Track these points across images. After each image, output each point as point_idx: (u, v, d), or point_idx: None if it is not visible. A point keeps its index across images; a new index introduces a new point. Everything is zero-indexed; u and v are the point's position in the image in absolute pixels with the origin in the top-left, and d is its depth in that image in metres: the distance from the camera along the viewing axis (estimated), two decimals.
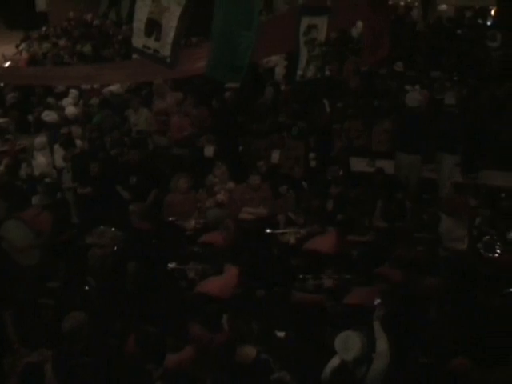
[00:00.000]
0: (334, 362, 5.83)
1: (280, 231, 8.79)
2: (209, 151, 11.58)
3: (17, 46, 20.25)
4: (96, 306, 7.02)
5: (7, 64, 17.67)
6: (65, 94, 13.99)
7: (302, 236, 8.58)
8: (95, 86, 13.76)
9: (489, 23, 18.55)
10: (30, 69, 14.55)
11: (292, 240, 8.65)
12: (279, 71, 14.76)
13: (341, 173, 9.96)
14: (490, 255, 8.09)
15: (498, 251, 8.10)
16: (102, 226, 8.50)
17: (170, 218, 9.14)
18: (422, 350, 6.29)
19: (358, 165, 10.96)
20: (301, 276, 7.64)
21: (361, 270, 7.66)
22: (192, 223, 9.06)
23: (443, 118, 10.51)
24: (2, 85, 14.72)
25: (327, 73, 12.00)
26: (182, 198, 9.32)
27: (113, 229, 8.45)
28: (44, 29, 22.68)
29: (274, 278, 7.71)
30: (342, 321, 6.77)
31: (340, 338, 5.73)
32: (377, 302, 6.31)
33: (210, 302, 6.93)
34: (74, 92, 13.91)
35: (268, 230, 8.72)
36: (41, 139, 10.98)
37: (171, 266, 7.88)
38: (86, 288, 7.29)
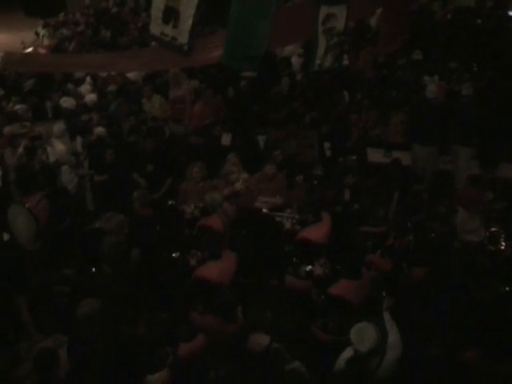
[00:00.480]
0: (348, 352, 5.83)
1: (276, 214, 8.84)
2: (226, 140, 11.58)
3: (36, 33, 20.29)
4: (110, 292, 7.07)
5: (27, 51, 17.72)
6: (83, 81, 14.03)
7: (297, 222, 8.65)
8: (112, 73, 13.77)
9: (511, 13, 18.28)
10: (47, 56, 14.62)
11: (287, 225, 8.72)
12: (296, 60, 14.70)
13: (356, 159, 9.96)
14: (493, 248, 8.10)
15: (503, 244, 8.09)
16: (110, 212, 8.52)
17: (171, 202, 9.27)
18: (433, 341, 6.29)
19: (375, 155, 10.91)
20: (294, 260, 7.73)
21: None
22: (191, 207, 9.11)
23: (460, 109, 10.43)
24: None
25: (345, 62, 11.93)
26: (196, 187, 9.33)
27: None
28: (62, 15, 22.68)
29: (268, 263, 7.81)
30: (323, 309, 6.98)
31: (355, 329, 5.73)
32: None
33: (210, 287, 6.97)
34: (88, 79, 13.93)
35: (264, 210, 8.83)
36: (59, 126, 10.95)
37: (175, 255, 7.90)
38: (100, 275, 7.34)
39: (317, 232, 7.95)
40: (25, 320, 6.91)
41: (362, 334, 5.67)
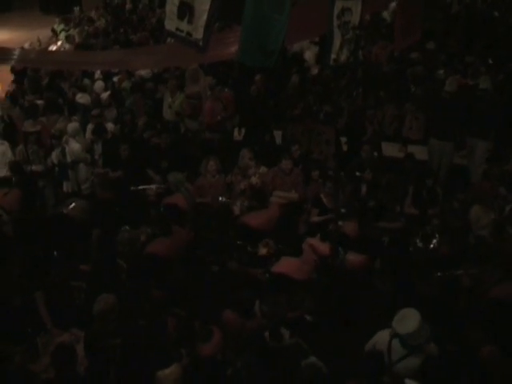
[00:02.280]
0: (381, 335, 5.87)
1: (228, 200, 9.23)
2: (239, 135, 11.61)
3: (53, 30, 20.37)
4: (126, 288, 7.11)
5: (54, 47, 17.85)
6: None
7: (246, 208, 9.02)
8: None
9: None
10: (63, 53, 14.70)
11: (237, 211, 9.03)
12: (309, 55, 14.66)
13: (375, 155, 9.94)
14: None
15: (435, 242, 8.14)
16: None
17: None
18: (451, 337, 6.27)
19: (390, 150, 10.88)
20: (238, 243, 8.17)
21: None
22: (153, 188, 9.49)
23: (477, 103, 10.36)
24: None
25: (361, 57, 11.89)
26: (212, 181, 9.35)
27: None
28: (77, 12, 22.76)
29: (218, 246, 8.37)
30: (268, 288, 7.26)
31: (401, 311, 5.74)
32: None
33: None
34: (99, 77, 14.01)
35: (220, 199, 9.22)
36: (74, 125, 10.97)
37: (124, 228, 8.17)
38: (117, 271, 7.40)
39: (257, 218, 8.54)
40: (42, 315, 6.97)
41: (404, 317, 5.68)
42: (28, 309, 6.91)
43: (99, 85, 13.61)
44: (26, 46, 17.87)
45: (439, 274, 7.44)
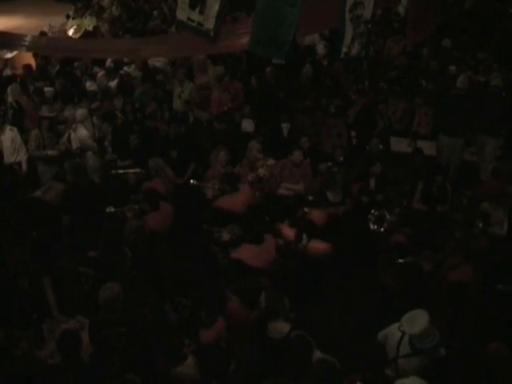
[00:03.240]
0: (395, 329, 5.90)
1: (201, 185, 9.50)
2: (251, 127, 11.58)
3: (68, 16, 20.26)
4: (131, 276, 7.14)
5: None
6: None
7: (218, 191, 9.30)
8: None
9: None
10: (73, 41, 14.66)
11: (209, 194, 9.31)
12: (320, 49, 14.60)
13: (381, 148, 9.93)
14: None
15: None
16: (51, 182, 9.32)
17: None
18: (455, 333, 6.27)
19: (399, 145, 10.85)
20: (205, 227, 8.56)
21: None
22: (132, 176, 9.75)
23: (488, 100, 10.31)
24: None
25: (372, 51, 11.85)
26: (221, 172, 9.34)
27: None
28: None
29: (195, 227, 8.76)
30: (229, 273, 7.53)
31: (411, 312, 5.77)
32: None
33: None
34: (110, 64, 13.94)
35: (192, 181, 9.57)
36: (82, 110, 11.00)
37: (109, 210, 8.56)
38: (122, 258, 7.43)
39: (229, 201, 8.80)
40: (49, 301, 7.00)
41: (413, 317, 5.70)
42: (35, 294, 6.93)
43: (102, 74, 13.61)
44: (46, 29, 17.79)
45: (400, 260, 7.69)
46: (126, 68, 14.04)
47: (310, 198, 8.86)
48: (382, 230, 8.30)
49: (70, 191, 8.73)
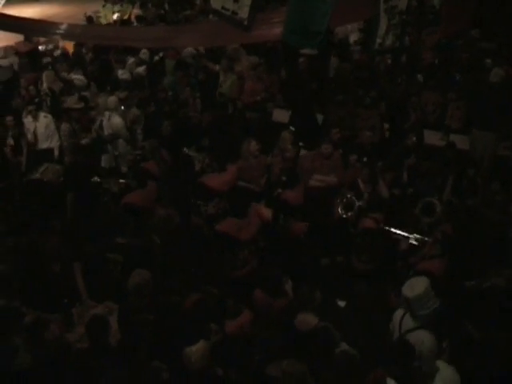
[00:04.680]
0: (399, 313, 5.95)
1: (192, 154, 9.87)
2: (282, 117, 11.55)
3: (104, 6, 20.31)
4: (160, 263, 7.19)
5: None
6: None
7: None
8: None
9: None
10: (105, 29, 14.74)
11: (197, 167, 9.75)
12: (353, 40, 14.50)
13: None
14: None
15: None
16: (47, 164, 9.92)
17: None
18: (472, 322, 6.22)
19: (431, 138, 10.72)
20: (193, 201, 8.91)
21: None
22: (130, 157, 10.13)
23: None
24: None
25: (407, 42, 11.75)
26: (253, 162, 9.34)
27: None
28: None
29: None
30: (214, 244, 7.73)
31: (410, 279, 5.98)
32: None
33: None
34: (145, 52, 13.98)
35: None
36: (114, 98, 11.07)
37: (94, 179, 9.07)
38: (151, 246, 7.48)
39: (215, 179, 9.03)
40: (79, 285, 7.09)
41: (413, 282, 5.87)
42: (66, 279, 7.03)
43: (132, 61, 13.67)
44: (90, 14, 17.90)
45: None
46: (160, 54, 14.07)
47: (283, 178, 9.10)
48: (350, 215, 8.41)
49: (69, 170, 9.35)
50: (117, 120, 10.66)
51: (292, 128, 10.24)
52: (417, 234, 7.86)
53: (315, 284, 6.57)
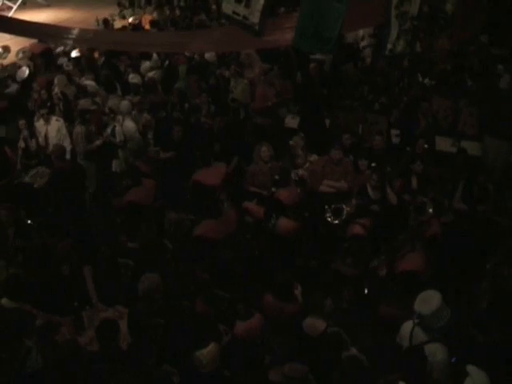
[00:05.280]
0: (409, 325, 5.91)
1: None
2: (290, 122, 11.55)
3: (119, 4, 20.32)
4: (171, 268, 7.20)
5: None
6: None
7: None
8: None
9: None
10: (119, 34, 14.78)
11: None
12: (364, 45, 14.47)
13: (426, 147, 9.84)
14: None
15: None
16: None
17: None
18: (477, 326, 6.20)
19: (442, 144, 10.70)
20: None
21: None
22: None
23: None
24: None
25: (419, 48, 11.70)
26: (264, 168, 9.34)
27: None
28: None
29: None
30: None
31: (422, 293, 5.84)
32: None
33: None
34: (155, 57, 13.99)
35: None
36: (126, 103, 11.08)
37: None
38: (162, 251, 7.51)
39: (207, 175, 9.28)
40: (89, 289, 7.12)
41: (426, 297, 5.76)
42: (76, 282, 7.05)
43: (145, 65, 13.68)
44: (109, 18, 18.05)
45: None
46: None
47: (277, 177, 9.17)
48: (339, 221, 8.53)
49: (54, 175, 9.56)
50: (130, 124, 10.67)
51: (301, 133, 10.24)
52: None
53: (327, 290, 6.60)
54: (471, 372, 5.05)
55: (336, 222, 8.53)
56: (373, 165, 9.24)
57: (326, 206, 8.62)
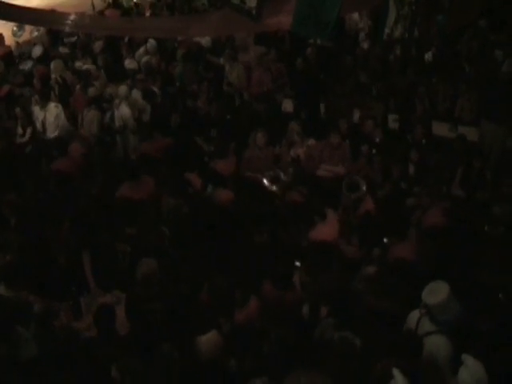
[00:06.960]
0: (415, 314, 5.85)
1: None
2: (287, 107, 11.51)
3: None
4: (169, 253, 7.20)
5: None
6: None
7: None
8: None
9: None
10: (118, 19, 14.69)
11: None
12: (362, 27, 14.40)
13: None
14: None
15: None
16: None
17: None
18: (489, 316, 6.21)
19: (440, 129, 10.69)
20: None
21: None
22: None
23: None
24: None
25: (416, 33, 11.66)
26: (260, 154, 9.34)
27: None
28: None
29: None
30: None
31: (430, 284, 5.74)
32: None
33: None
34: (152, 42, 13.92)
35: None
36: (124, 87, 11.06)
37: None
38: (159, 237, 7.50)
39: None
40: (87, 275, 7.12)
41: (433, 288, 5.67)
42: (74, 268, 7.05)
43: (140, 51, 13.59)
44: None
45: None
46: None
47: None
48: (277, 188, 8.63)
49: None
50: (125, 110, 10.63)
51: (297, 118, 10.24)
52: None
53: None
54: (466, 361, 5.03)
55: (273, 188, 8.61)
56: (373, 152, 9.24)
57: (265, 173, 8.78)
